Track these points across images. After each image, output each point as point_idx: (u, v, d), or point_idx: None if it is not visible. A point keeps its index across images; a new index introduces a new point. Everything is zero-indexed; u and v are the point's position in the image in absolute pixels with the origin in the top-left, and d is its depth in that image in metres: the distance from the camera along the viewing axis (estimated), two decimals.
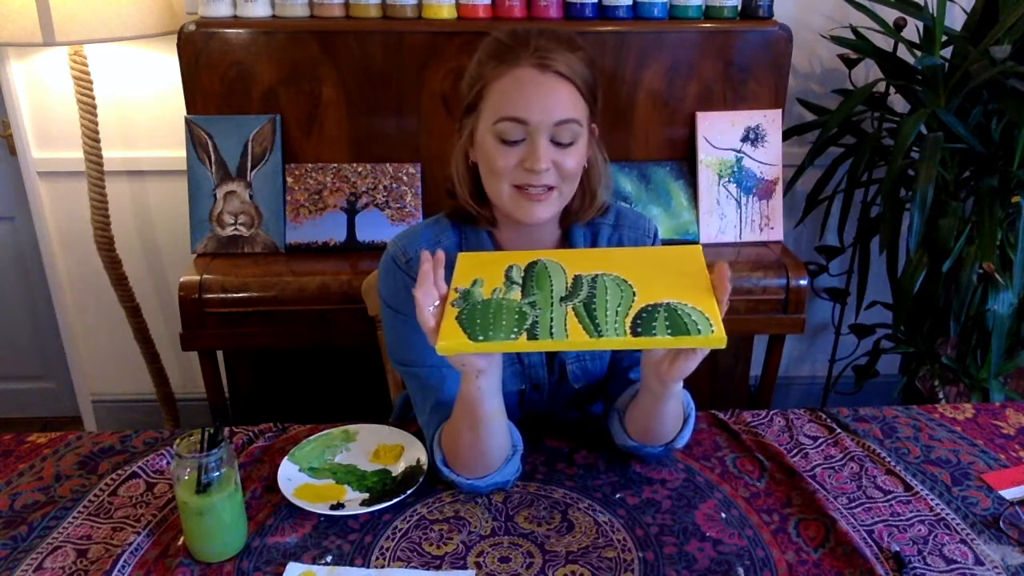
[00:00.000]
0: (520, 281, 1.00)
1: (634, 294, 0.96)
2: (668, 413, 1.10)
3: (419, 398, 1.18)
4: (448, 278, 1.01)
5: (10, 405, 2.65)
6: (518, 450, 1.12)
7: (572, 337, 0.91)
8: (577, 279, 1.00)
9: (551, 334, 0.91)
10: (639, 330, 0.91)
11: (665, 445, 1.15)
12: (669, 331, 0.90)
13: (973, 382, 2.03)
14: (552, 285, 0.99)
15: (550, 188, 1.09)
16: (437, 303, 0.97)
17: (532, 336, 0.91)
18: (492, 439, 1.06)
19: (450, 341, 0.92)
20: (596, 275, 1.00)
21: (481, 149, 1.11)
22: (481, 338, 0.91)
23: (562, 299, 0.97)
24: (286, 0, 1.98)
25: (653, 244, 1.25)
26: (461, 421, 1.05)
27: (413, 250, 1.17)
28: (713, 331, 0.90)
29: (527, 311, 0.95)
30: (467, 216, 1.19)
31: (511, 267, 1.03)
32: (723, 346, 0.90)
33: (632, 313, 0.93)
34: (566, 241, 1.22)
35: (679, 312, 0.93)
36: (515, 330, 0.92)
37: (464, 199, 1.17)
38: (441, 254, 0.99)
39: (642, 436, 1.14)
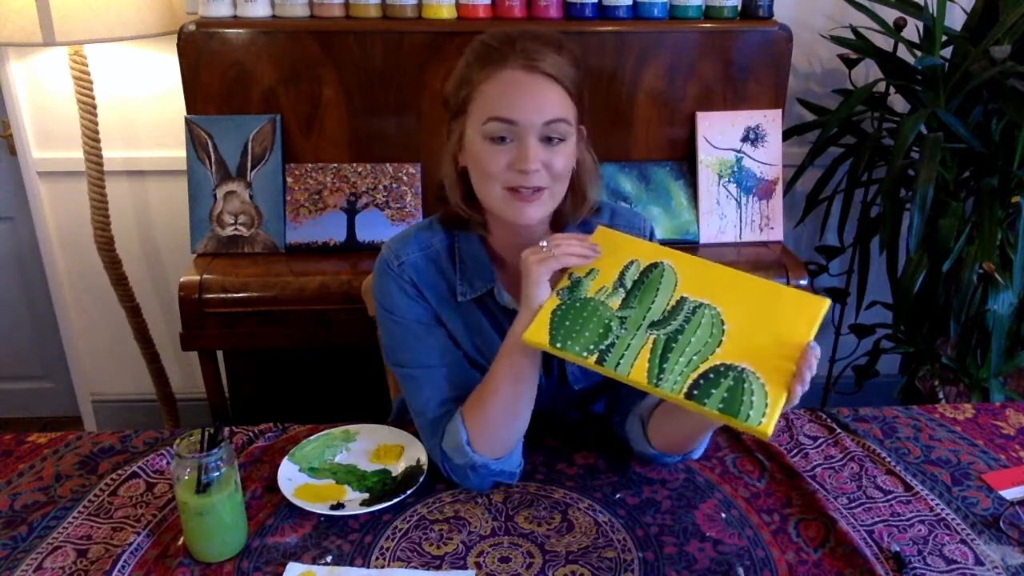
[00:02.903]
0: (629, 285, 1.03)
1: (719, 344, 0.95)
2: (709, 433, 1.15)
3: (415, 397, 1.17)
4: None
5: (10, 405, 2.65)
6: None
7: (633, 375, 0.95)
8: (681, 302, 1.00)
9: (617, 366, 0.96)
10: (694, 392, 0.92)
11: (684, 455, 1.17)
12: (721, 406, 0.91)
13: (973, 382, 2.03)
14: (654, 302, 1.01)
15: (540, 189, 1.08)
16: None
17: (600, 361, 0.97)
18: (530, 404, 1.10)
19: (533, 337, 1.01)
20: (701, 304, 0.99)
21: (471, 152, 1.11)
22: (559, 346, 0.99)
23: (652, 324, 0.99)
24: (286, 0, 1.98)
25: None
26: (504, 383, 1.07)
27: (405, 254, 1.18)
28: (761, 423, 0.89)
29: (613, 327, 0.99)
30: (459, 221, 1.18)
31: (631, 263, 1.04)
32: (765, 438, 0.90)
33: (703, 367, 0.94)
34: None
35: (744, 385, 0.92)
36: (590, 347, 0.98)
37: (456, 204, 1.17)
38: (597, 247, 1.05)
39: (668, 448, 1.15)
